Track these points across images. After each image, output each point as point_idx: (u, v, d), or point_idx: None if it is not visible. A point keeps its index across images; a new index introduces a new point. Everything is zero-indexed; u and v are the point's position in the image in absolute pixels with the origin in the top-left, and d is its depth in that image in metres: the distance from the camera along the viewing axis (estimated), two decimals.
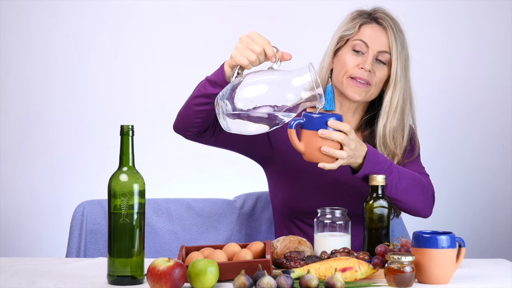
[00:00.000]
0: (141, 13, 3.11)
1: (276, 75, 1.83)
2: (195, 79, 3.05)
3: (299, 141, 1.86)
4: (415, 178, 2.04)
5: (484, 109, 3.11)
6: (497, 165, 3.11)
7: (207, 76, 2.00)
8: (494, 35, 3.10)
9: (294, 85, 1.81)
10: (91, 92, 3.12)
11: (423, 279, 1.69)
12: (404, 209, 2.06)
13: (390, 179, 1.97)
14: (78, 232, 2.33)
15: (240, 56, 1.87)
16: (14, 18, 3.09)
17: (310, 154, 1.86)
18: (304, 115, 1.85)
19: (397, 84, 2.12)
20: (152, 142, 3.07)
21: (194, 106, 2.01)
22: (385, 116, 2.13)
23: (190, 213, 2.40)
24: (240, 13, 3.12)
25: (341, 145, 1.86)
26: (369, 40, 2.12)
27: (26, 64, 3.11)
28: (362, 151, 1.92)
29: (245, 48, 1.87)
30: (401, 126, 2.14)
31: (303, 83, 1.81)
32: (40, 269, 1.82)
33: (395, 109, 2.13)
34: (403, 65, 2.13)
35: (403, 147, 2.14)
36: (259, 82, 1.82)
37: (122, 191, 1.69)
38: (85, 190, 3.03)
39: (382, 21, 2.14)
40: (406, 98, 2.14)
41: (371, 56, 2.11)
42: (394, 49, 2.11)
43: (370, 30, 2.13)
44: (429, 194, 2.08)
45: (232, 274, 1.66)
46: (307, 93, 1.81)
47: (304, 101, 1.81)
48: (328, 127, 1.83)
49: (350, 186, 2.11)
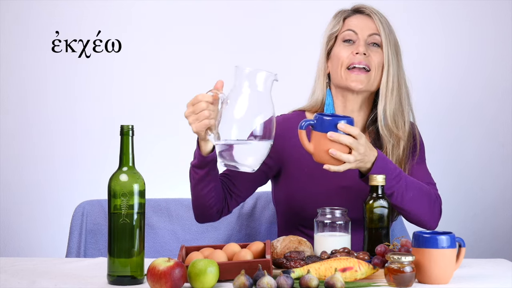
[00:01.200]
0: (141, 13, 3.11)
1: (239, 105, 1.81)
2: (195, 79, 3.07)
3: (308, 142, 1.87)
4: (423, 189, 2.03)
5: (484, 109, 3.11)
6: (497, 165, 3.11)
7: (191, 162, 2.00)
8: (494, 35, 3.09)
9: (258, 87, 1.81)
10: (91, 92, 3.12)
11: (423, 279, 1.69)
12: (409, 219, 2.05)
13: (397, 187, 1.97)
14: (78, 232, 2.34)
15: (199, 124, 1.86)
16: (14, 18, 3.09)
17: (319, 156, 1.87)
18: (316, 117, 1.86)
19: (390, 67, 2.12)
20: (152, 142, 3.07)
21: (199, 193, 2.03)
22: (383, 98, 2.12)
23: (190, 213, 2.40)
24: (239, 12, 3.12)
25: (350, 149, 1.86)
26: (356, 27, 2.14)
27: (26, 64, 3.11)
28: (372, 156, 1.92)
29: (195, 115, 1.87)
30: (400, 110, 2.13)
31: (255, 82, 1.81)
32: (40, 269, 1.82)
33: (391, 91, 2.11)
34: (394, 50, 2.13)
35: (406, 132, 2.13)
36: (235, 115, 1.80)
37: (122, 191, 1.69)
38: (85, 190, 3.03)
39: (365, 10, 2.16)
40: (401, 82, 2.13)
41: (362, 40, 2.12)
42: (382, 32, 2.12)
43: (355, 20, 2.15)
44: (436, 206, 2.07)
45: (232, 274, 1.66)
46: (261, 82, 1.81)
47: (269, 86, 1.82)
48: (338, 130, 1.84)
49: (355, 191, 2.10)
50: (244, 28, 3.12)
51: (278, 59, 3.08)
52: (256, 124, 1.79)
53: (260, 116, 1.80)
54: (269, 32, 3.12)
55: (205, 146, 1.94)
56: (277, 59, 3.08)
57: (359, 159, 1.88)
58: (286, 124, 2.17)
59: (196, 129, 1.87)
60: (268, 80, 1.81)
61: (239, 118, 1.80)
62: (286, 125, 2.17)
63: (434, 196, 2.07)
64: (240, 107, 1.80)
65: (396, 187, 1.96)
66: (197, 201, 2.05)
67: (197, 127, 1.86)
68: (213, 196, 2.04)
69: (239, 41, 3.11)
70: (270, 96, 1.81)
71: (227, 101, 1.81)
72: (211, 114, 1.85)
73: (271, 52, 3.10)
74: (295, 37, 3.11)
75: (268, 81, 1.81)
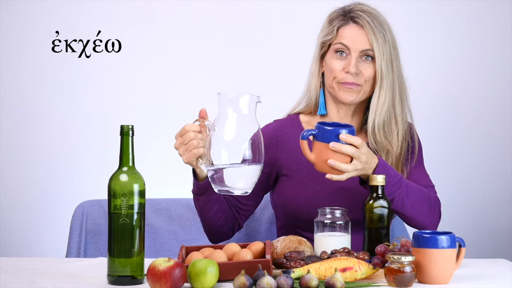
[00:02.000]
0: (141, 13, 3.11)
1: (227, 131, 1.83)
2: (195, 79, 3.07)
3: (310, 152, 1.88)
4: (423, 195, 2.04)
5: (484, 109, 3.11)
6: (497, 165, 3.11)
7: (191, 190, 2.04)
8: (494, 36, 3.09)
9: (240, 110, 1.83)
10: (91, 92, 3.12)
11: (423, 279, 1.69)
12: (409, 223, 2.06)
13: (398, 193, 1.97)
14: (78, 232, 2.33)
15: (189, 154, 1.89)
16: (14, 18, 3.09)
17: (321, 165, 1.88)
18: (317, 127, 1.86)
19: (383, 80, 2.08)
20: (152, 142, 3.07)
21: (206, 217, 2.07)
22: (373, 113, 2.10)
23: (190, 213, 2.40)
24: (238, 14, 3.12)
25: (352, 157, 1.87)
26: (349, 42, 2.09)
27: (26, 64, 3.11)
28: (373, 163, 1.92)
29: (184, 146, 1.89)
30: (394, 118, 2.11)
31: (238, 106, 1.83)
32: (40, 269, 1.82)
33: (382, 105, 2.09)
34: (388, 58, 2.09)
35: (399, 143, 2.12)
36: (226, 143, 1.83)
37: (122, 191, 1.69)
38: (85, 190, 3.03)
39: (359, 20, 2.09)
40: (395, 91, 2.10)
41: (354, 58, 2.08)
42: (375, 45, 2.07)
43: (348, 31, 2.10)
44: (435, 211, 2.08)
45: (232, 274, 1.66)
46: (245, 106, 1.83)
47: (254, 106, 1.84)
48: (340, 140, 1.84)
49: (353, 192, 2.10)
50: (244, 28, 3.12)
51: (274, 60, 3.09)
52: (245, 148, 1.82)
53: (248, 139, 1.82)
54: (268, 34, 3.12)
55: (201, 173, 1.99)
56: (273, 60, 3.09)
57: (360, 168, 1.89)
58: (280, 129, 2.18)
59: (186, 160, 1.91)
60: (252, 102, 1.83)
61: (228, 142, 1.82)
62: (281, 130, 2.18)
63: (433, 200, 2.08)
64: (227, 132, 1.82)
65: (397, 193, 1.97)
66: (206, 225, 2.09)
67: (187, 157, 1.90)
68: (221, 217, 2.07)
69: (239, 41, 3.11)
70: (255, 118, 1.84)
71: (214, 128, 1.84)
72: (199, 143, 1.88)
73: (266, 52, 3.10)
74: (295, 36, 3.11)
75: (252, 104, 1.83)
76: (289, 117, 2.22)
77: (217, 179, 1.84)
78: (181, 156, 1.91)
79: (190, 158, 1.90)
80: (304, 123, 2.20)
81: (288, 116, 2.23)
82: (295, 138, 2.16)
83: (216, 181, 1.85)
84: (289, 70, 3.02)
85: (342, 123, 1.91)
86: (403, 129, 2.13)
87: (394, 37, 2.13)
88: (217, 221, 2.07)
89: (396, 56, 2.12)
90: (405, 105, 2.15)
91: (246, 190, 1.85)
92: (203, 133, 1.90)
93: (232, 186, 1.84)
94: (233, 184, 1.84)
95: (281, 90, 2.93)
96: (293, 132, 2.17)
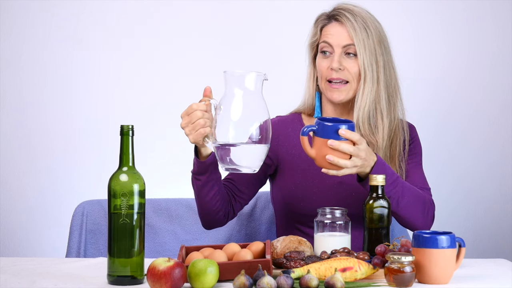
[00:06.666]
0: (141, 13, 3.11)
1: (234, 109, 1.83)
2: (194, 79, 3.07)
3: (310, 148, 1.88)
4: (418, 196, 2.05)
5: (484, 109, 3.11)
6: (497, 165, 3.11)
7: (191, 170, 2.02)
8: (493, 36, 3.09)
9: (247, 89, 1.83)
10: (91, 92, 3.12)
11: (423, 279, 1.69)
12: (402, 223, 2.07)
13: (394, 192, 1.98)
14: (78, 232, 2.34)
15: (196, 133, 1.88)
16: (14, 18, 3.09)
17: (321, 161, 1.89)
18: (317, 122, 1.87)
19: (366, 75, 2.10)
20: (152, 142, 3.07)
21: (204, 199, 2.05)
22: (357, 107, 2.11)
23: (190, 213, 2.40)
24: (237, 12, 3.12)
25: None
26: (331, 39, 2.12)
27: (25, 64, 3.11)
28: (371, 161, 1.93)
29: (191, 125, 1.88)
30: (380, 115, 2.11)
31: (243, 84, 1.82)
32: (40, 269, 1.82)
33: (366, 99, 2.10)
34: (372, 53, 2.10)
35: (384, 137, 2.12)
36: (232, 121, 1.82)
37: (122, 191, 1.69)
38: (85, 190, 3.02)
39: (339, 17, 2.13)
40: (379, 86, 2.11)
41: (337, 54, 2.11)
42: (356, 40, 2.10)
43: (330, 29, 2.14)
44: (429, 213, 2.09)
45: (232, 274, 1.66)
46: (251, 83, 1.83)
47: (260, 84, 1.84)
48: (339, 136, 1.85)
49: (351, 186, 2.11)
50: (243, 28, 3.12)
51: (274, 59, 3.09)
52: (253, 126, 1.81)
53: (255, 117, 1.82)
54: (266, 34, 3.12)
55: (205, 151, 1.97)
56: (273, 59, 3.09)
57: (360, 165, 1.89)
58: (282, 125, 2.22)
59: (193, 139, 1.89)
60: (258, 80, 1.83)
61: (235, 121, 1.82)
62: (283, 125, 2.22)
63: (428, 202, 2.09)
64: (234, 110, 1.82)
65: (393, 193, 1.98)
66: (203, 208, 2.08)
67: (194, 137, 1.88)
68: (219, 200, 2.06)
69: (238, 41, 3.11)
70: (262, 96, 1.84)
71: (221, 107, 1.83)
72: (206, 122, 1.87)
73: (266, 52, 3.10)
74: (295, 37, 3.11)
75: (258, 82, 1.83)
76: (291, 114, 2.27)
77: (225, 157, 1.83)
78: (188, 135, 1.89)
79: (197, 138, 1.88)
80: (305, 121, 2.24)
81: (290, 113, 2.27)
82: (296, 133, 2.19)
83: (224, 159, 1.83)
84: (289, 70, 3.02)
85: (342, 119, 1.92)
86: (391, 124, 2.14)
87: (382, 33, 2.14)
88: (214, 204, 2.06)
89: (382, 51, 2.13)
90: (393, 101, 2.15)
91: (254, 168, 1.85)
92: (209, 112, 1.89)
93: (240, 164, 1.83)
94: (241, 162, 1.83)
95: (281, 90, 2.93)
96: (294, 127, 2.21)
